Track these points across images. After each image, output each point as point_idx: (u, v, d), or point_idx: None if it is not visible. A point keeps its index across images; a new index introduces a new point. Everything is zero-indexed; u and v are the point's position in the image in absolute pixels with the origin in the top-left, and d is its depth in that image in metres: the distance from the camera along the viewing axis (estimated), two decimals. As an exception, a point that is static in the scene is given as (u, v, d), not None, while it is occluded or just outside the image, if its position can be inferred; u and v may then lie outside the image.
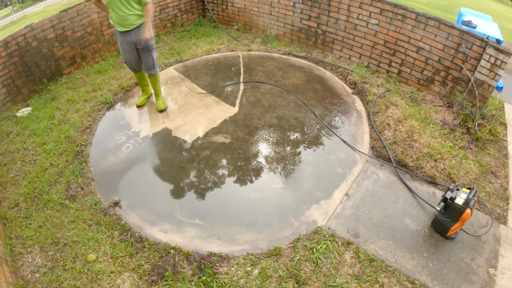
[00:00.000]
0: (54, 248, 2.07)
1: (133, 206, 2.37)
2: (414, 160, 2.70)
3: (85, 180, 2.53)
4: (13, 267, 1.98)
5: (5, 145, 2.95)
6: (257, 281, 1.88)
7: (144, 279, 1.90)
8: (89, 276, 1.91)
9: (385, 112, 3.21)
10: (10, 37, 3.39)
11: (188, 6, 5.21)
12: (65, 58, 3.97)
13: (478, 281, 1.93)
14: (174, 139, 2.98)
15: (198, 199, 2.43)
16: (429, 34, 3.31)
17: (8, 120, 3.34)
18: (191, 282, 1.87)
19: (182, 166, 2.70)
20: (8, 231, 2.19)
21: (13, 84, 3.53)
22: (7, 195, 2.46)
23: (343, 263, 2.00)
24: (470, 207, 1.96)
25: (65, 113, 3.26)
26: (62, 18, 3.78)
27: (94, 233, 2.14)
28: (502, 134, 3.09)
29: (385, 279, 1.92)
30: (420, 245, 2.13)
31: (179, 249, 2.05)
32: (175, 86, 3.74)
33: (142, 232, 2.18)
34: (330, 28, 4.13)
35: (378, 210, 2.35)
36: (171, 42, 4.78)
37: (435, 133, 2.97)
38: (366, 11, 3.68)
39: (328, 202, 2.40)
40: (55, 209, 2.31)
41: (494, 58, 2.92)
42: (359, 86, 3.66)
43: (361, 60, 4.05)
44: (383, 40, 3.71)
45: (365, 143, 2.96)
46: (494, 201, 2.43)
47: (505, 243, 2.16)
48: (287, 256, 2.03)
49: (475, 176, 2.60)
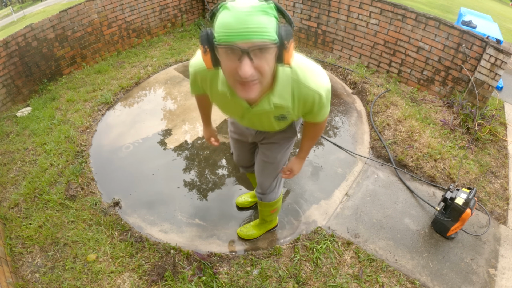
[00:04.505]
0: (54, 248, 2.07)
1: (133, 206, 2.37)
2: (414, 160, 2.70)
3: (85, 180, 2.53)
4: (13, 267, 1.98)
5: (5, 145, 2.95)
6: (257, 281, 1.88)
7: (144, 279, 1.90)
8: (89, 276, 1.91)
9: (385, 112, 3.21)
10: (10, 37, 3.38)
11: (188, 6, 5.21)
12: (65, 58, 3.97)
13: (478, 281, 1.93)
14: (174, 139, 2.98)
15: (198, 199, 2.42)
16: (429, 34, 3.31)
17: (8, 120, 3.34)
18: (191, 282, 1.87)
19: (182, 166, 2.70)
20: (8, 231, 2.19)
21: (13, 84, 3.53)
22: (7, 195, 2.46)
23: (343, 263, 2.00)
24: (470, 207, 1.96)
25: (65, 113, 3.26)
26: (62, 18, 3.77)
27: (94, 233, 2.14)
28: (502, 134, 3.09)
29: (385, 279, 1.92)
30: (420, 245, 2.13)
31: (179, 249, 2.05)
32: (175, 86, 3.74)
33: (142, 232, 2.18)
34: (330, 28, 4.13)
35: (378, 210, 2.35)
36: (171, 42, 4.78)
37: (435, 133, 2.97)
38: (366, 11, 3.68)
39: (328, 202, 2.40)
40: (55, 209, 2.31)
41: (494, 58, 2.92)
42: (359, 86, 3.66)
43: (361, 60, 4.05)
44: (383, 40, 3.71)
45: (365, 143, 2.96)
46: (494, 201, 2.43)
47: (505, 243, 2.16)
48: (287, 256, 2.03)
49: (475, 176, 2.60)
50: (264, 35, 0.83)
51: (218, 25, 0.85)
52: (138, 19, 4.61)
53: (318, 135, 1.41)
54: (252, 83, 0.91)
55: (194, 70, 1.18)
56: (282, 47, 0.88)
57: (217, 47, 0.88)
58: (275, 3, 0.88)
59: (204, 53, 0.92)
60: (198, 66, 1.15)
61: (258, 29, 0.82)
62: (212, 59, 0.93)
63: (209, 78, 1.16)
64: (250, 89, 0.92)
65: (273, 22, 0.86)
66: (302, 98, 1.12)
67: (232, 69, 0.88)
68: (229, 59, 0.87)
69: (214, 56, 0.92)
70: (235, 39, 0.82)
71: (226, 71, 0.92)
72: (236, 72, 0.88)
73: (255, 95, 0.95)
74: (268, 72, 0.92)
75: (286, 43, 0.88)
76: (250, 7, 0.82)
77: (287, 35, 0.88)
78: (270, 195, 1.77)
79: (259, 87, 0.94)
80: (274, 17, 0.87)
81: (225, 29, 0.83)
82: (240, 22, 0.81)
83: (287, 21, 0.92)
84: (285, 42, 0.88)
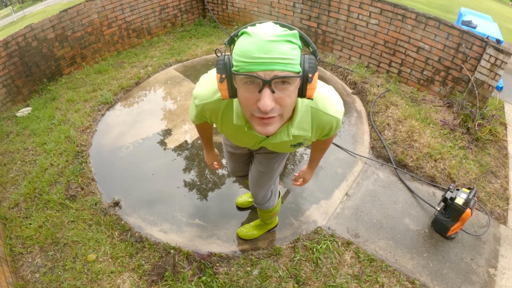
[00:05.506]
0: (54, 248, 2.07)
1: (133, 206, 2.37)
2: (414, 160, 2.70)
3: (85, 180, 2.53)
4: (13, 267, 1.98)
5: (5, 145, 2.95)
6: (257, 281, 1.88)
7: (144, 279, 1.90)
8: (89, 276, 1.91)
9: (385, 112, 3.21)
10: (10, 37, 3.38)
11: (188, 6, 5.21)
12: (65, 58, 3.97)
13: (478, 281, 1.93)
14: (174, 139, 2.98)
15: (198, 199, 2.42)
16: (429, 34, 3.31)
17: (8, 120, 3.34)
18: (191, 282, 1.87)
19: (182, 166, 2.70)
20: (8, 231, 2.19)
21: (13, 84, 3.53)
22: (7, 195, 2.46)
23: (343, 263, 2.00)
24: (470, 207, 1.96)
25: (65, 113, 3.26)
26: (62, 18, 3.77)
27: (94, 233, 2.14)
28: (502, 134, 3.09)
29: (385, 279, 1.92)
30: (420, 245, 2.13)
31: (179, 249, 2.05)
32: (175, 86, 3.74)
33: (142, 232, 2.18)
34: (330, 28, 4.13)
35: (378, 210, 2.35)
36: (171, 42, 4.78)
37: (435, 133, 2.97)
38: (366, 11, 3.68)
39: (328, 202, 2.40)
40: (55, 209, 2.31)
41: (494, 58, 2.92)
42: (359, 86, 3.66)
43: (361, 60, 4.05)
44: (383, 40, 3.71)
45: (365, 143, 2.96)
46: (494, 201, 2.43)
47: (505, 243, 2.16)
48: (287, 256, 2.03)
49: (475, 176, 2.60)
50: (288, 66, 0.75)
51: (238, 52, 0.77)
52: (138, 19, 4.61)
53: (328, 146, 1.40)
54: (272, 117, 0.82)
55: (201, 103, 1.06)
56: (305, 80, 0.81)
57: (236, 76, 0.80)
58: (300, 32, 0.80)
59: (220, 82, 0.84)
60: (207, 99, 1.04)
61: (282, 59, 0.74)
62: (229, 89, 0.85)
63: (221, 110, 1.05)
64: (269, 124, 0.84)
65: (297, 52, 0.78)
66: (321, 125, 1.07)
67: (251, 101, 0.80)
68: (247, 90, 0.79)
69: (231, 85, 0.84)
70: (256, 68, 0.74)
71: (243, 103, 0.84)
72: (255, 105, 0.80)
73: (273, 131, 0.85)
74: (290, 105, 0.83)
75: (310, 76, 0.80)
76: (274, 35, 0.74)
77: (312, 67, 0.79)
78: (266, 204, 1.77)
79: (280, 121, 0.85)
80: (298, 46, 0.79)
81: (246, 57, 0.75)
82: (262, 50, 0.74)
83: (311, 52, 0.84)
84: (309, 75, 0.79)
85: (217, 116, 1.08)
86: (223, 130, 1.16)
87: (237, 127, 1.07)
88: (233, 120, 1.01)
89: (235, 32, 0.81)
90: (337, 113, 1.06)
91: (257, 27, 0.78)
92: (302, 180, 1.58)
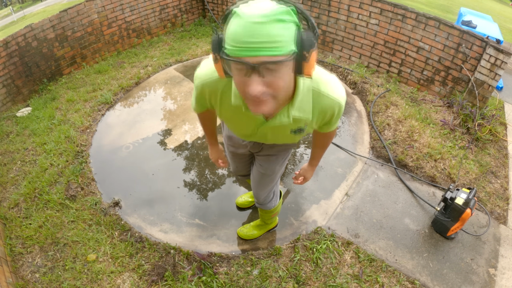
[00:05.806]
0: (54, 248, 2.07)
1: (133, 206, 2.37)
2: (414, 160, 2.70)
3: (85, 180, 2.53)
4: (13, 267, 1.98)
5: (5, 145, 2.95)
6: (257, 281, 1.88)
7: (144, 279, 1.90)
8: (89, 276, 1.91)
9: (385, 112, 3.21)
10: (10, 37, 3.38)
11: (188, 6, 5.21)
12: (65, 58, 3.97)
13: (478, 281, 1.93)
14: (175, 139, 2.98)
15: (198, 199, 2.42)
16: (429, 34, 3.31)
17: (8, 120, 3.34)
18: (191, 282, 1.87)
19: (182, 166, 2.70)
20: (8, 231, 2.19)
21: (13, 84, 3.53)
22: (7, 195, 2.46)
23: (343, 263, 2.00)
24: (470, 207, 1.96)
25: (65, 113, 3.27)
26: (62, 18, 3.78)
27: (94, 233, 2.14)
28: (502, 134, 3.09)
29: (385, 279, 1.92)
30: (420, 245, 2.13)
31: (179, 249, 2.05)
32: (175, 86, 3.74)
33: (142, 232, 2.18)
34: (330, 28, 4.13)
35: (378, 210, 2.35)
36: (171, 42, 4.78)
37: (435, 133, 2.97)
38: (366, 11, 3.68)
39: (328, 202, 2.40)
40: (55, 209, 2.31)
41: (494, 58, 2.92)
42: (359, 86, 3.66)
43: (361, 60, 4.05)
44: (383, 40, 3.71)
45: (365, 143, 2.96)
46: (494, 201, 2.43)
47: (505, 243, 2.16)
48: (287, 256, 2.03)
49: (475, 176, 2.60)
50: (276, 50, 0.71)
51: (228, 35, 0.74)
52: (138, 19, 4.61)
53: (329, 142, 1.36)
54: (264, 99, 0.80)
55: (201, 82, 1.04)
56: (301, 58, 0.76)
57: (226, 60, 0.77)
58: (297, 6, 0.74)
59: (215, 61, 0.82)
60: (207, 77, 1.02)
61: (269, 42, 0.70)
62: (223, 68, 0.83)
63: (220, 91, 1.03)
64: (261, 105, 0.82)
65: (290, 31, 0.73)
66: (323, 109, 1.03)
67: (242, 85, 0.79)
68: (238, 74, 0.78)
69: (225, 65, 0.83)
70: (243, 54, 0.72)
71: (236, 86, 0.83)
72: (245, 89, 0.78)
73: (268, 110, 0.84)
74: (283, 87, 0.80)
75: (306, 54, 0.75)
76: (262, 15, 0.70)
77: (309, 45, 0.74)
78: (269, 204, 1.78)
79: (273, 102, 0.84)
80: (293, 23, 0.74)
81: (233, 41, 0.73)
82: (248, 33, 0.70)
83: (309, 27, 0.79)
84: (305, 53, 0.75)
85: (216, 97, 1.06)
86: (222, 113, 1.13)
87: (235, 110, 1.04)
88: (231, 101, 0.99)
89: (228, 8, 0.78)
90: (339, 97, 1.02)
91: (248, 4, 0.73)
92: (302, 178, 1.56)
